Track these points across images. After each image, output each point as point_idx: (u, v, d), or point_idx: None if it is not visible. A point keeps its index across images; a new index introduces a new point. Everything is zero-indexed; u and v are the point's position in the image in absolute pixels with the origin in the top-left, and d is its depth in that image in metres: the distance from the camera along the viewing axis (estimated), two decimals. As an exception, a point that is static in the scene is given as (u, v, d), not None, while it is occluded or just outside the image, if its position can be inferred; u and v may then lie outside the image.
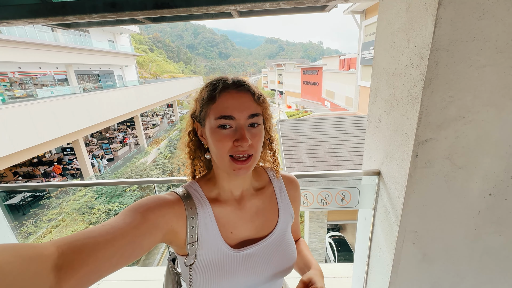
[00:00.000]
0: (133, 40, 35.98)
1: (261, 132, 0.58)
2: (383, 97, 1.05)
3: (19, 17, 1.18)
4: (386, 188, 1.07)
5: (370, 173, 1.14)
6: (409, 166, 0.89)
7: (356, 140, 7.11)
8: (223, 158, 0.55)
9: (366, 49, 16.32)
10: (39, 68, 14.65)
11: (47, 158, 14.00)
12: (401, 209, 0.95)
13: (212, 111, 0.55)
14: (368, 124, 1.20)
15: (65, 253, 0.36)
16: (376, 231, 1.20)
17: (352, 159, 6.41)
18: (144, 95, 16.17)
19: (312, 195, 1.20)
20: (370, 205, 1.21)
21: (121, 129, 20.76)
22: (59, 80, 16.37)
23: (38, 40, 13.16)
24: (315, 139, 7.42)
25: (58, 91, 13.46)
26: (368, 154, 1.23)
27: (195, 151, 0.65)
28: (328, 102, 25.41)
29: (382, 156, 1.09)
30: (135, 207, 0.50)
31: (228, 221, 0.62)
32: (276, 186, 0.71)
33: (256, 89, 0.58)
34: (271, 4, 1.20)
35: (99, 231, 0.42)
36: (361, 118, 8.61)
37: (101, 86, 18.47)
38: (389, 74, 0.99)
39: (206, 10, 1.23)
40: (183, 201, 0.58)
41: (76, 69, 17.24)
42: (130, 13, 1.20)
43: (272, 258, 0.63)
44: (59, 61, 15.00)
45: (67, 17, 1.20)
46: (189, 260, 0.57)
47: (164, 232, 0.53)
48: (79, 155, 11.72)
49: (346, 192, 1.19)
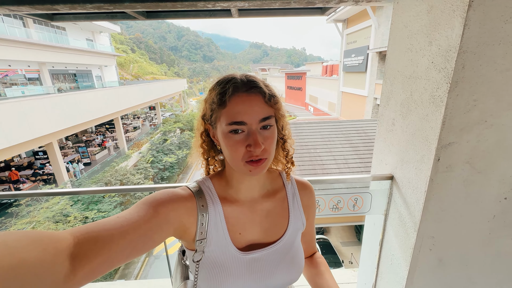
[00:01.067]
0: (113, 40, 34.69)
1: (273, 134, 0.56)
2: (398, 100, 1.04)
3: (0, 3, 1.04)
4: (401, 193, 1.05)
5: (383, 177, 1.12)
6: (430, 171, 0.87)
7: (340, 145, 7.28)
8: (237, 163, 0.55)
9: (347, 57, 16.96)
10: (8, 65, 13.59)
11: (15, 162, 12.94)
12: (420, 214, 0.93)
13: (223, 116, 0.54)
14: (379, 127, 1.18)
15: (81, 243, 0.37)
16: (388, 237, 1.18)
17: (336, 163, 6.55)
18: (124, 97, 15.51)
19: (324, 200, 1.15)
20: (381, 210, 1.19)
21: (99, 131, 19.75)
22: (31, 79, 15.30)
23: (8, 35, 12.24)
24: (300, 143, 7.50)
25: (29, 91, 12.55)
26: (378, 158, 1.21)
27: (209, 151, 0.65)
28: (311, 107, 25.98)
29: (396, 160, 1.07)
30: (149, 200, 0.50)
31: (237, 222, 0.61)
32: (289, 191, 0.68)
33: (267, 88, 0.55)
34: (281, 3, 1.16)
35: (114, 223, 0.43)
36: (344, 122, 8.85)
37: (78, 86, 17.52)
38: (405, 77, 0.98)
39: (213, 6, 1.16)
40: (195, 197, 0.57)
41: (50, 68, 16.22)
42: (130, 5, 1.10)
43: (278, 266, 0.62)
44: (32, 59, 14.02)
45: (56, 6, 1.07)
46: (197, 256, 0.57)
47: (175, 227, 0.53)
48: (53, 159, 10.92)
49: (358, 197, 1.16)
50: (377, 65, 13.58)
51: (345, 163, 6.53)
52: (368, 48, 14.13)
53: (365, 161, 6.46)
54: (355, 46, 16.13)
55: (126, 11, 1.50)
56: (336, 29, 18.23)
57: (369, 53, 14.15)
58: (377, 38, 13.37)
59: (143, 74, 46.51)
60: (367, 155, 6.67)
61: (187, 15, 1.82)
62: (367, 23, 14.12)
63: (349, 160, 6.60)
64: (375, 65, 13.71)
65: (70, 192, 1.27)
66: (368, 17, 13.73)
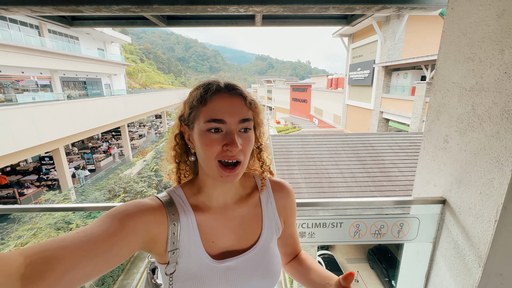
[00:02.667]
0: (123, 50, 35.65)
1: (251, 138, 0.56)
2: (453, 114, 0.93)
3: (22, 2, 0.98)
4: (458, 220, 0.92)
5: (433, 201, 0.99)
6: (503, 197, 0.74)
7: (347, 158, 7.12)
8: (210, 163, 0.53)
9: (353, 70, 17.06)
10: (21, 72, 13.92)
11: (21, 167, 12.97)
12: (487, 248, 0.80)
13: (202, 113, 0.53)
14: (425, 144, 1.06)
15: (33, 263, 0.36)
16: (438, 270, 1.03)
17: (343, 176, 6.36)
18: (132, 105, 15.67)
19: (365, 225, 1.02)
20: (429, 238, 1.05)
21: (105, 138, 19.86)
22: (42, 86, 15.61)
23: (23, 44, 12.59)
24: (307, 155, 7.38)
25: (40, 97, 12.75)
26: (424, 178, 1.09)
27: (181, 155, 0.62)
28: (316, 119, 25.97)
29: (450, 182, 0.95)
30: (113, 213, 0.47)
31: (210, 230, 0.59)
32: (263, 195, 0.66)
33: (248, 94, 0.56)
34: (318, 8, 1.08)
35: (72, 239, 0.40)
36: (350, 135, 8.71)
37: (87, 93, 17.80)
38: (464, 89, 0.88)
39: (245, 11, 1.09)
40: (165, 207, 0.55)
41: (61, 75, 16.57)
42: (158, 7, 1.03)
43: (254, 273, 0.59)
44: (44, 66, 14.35)
45: (80, 7, 1.01)
46: (170, 268, 0.54)
47: (143, 239, 0.50)
48: (59, 165, 10.89)
49: (404, 223, 1.03)
50: (383, 79, 13.57)
51: (353, 177, 6.35)
52: (374, 62, 14.19)
53: (372, 176, 6.27)
54: (360, 60, 16.26)
55: (148, 17, 1.45)
56: (342, 43, 18.47)
57: (375, 67, 14.19)
58: (383, 52, 13.44)
59: (151, 83, 47.40)
60: (375, 170, 6.50)
61: (209, 23, 1.77)
62: (373, 38, 14.26)
63: (357, 175, 6.42)
64: (381, 79, 13.71)
65: (54, 208, 1.16)
66: (373, 32, 13.88)
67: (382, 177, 6.24)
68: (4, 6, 0.99)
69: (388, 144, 7.67)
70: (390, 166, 6.62)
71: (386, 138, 8.15)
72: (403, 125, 12.18)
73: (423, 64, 10.49)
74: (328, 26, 1.61)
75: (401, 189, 5.78)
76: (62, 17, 1.56)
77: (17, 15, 1.07)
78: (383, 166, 6.67)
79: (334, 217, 1.04)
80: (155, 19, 1.49)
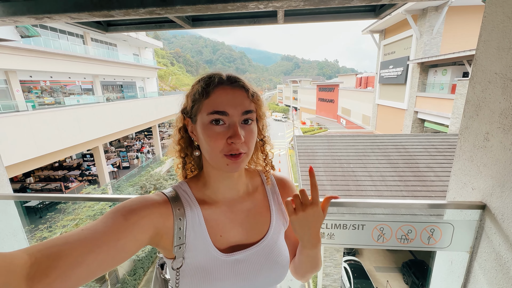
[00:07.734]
0: (156, 55, 37.86)
1: (254, 130, 0.56)
2: (495, 109, 0.82)
3: (63, 11, 1.09)
4: (501, 228, 0.81)
5: (471, 206, 0.89)
6: (558, 204, 0.64)
7: (377, 160, 6.73)
8: (215, 155, 0.53)
9: (384, 68, 16.12)
10: (68, 78, 15.47)
11: (67, 163, 14.38)
12: (537, 261, 0.70)
13: (205, 106, 0.53)
14: (461, 142, 0.96)
15: (39, 261, 0.36)
16: (475, 283, 0.92)
17: (372, 179, 6.02)
18: (162, 106, 16.58)
19: (390, 228, 0.95)
20: (465, 247, 0.95)
21: (138, 138, 21.22)
22: (85, 90, 17.17)
23: (71, 52, 14.00)
24: (333, 156, 7.12)
25: (83, 100, 14.06)
26: (460, 181, 0.98)
27: (186, 148, 0.62)
28: (343, 119, 25.01)
29: (492, 185, 0.84)
30: (118, 209, 0.48)
31: (217, 224, 0.59)
32: (268, 189, 0.67)
33: (250, 86, 0.56)
34: (340, 0, 1.04)
35: (77, 237, 0.41)
36: (380, 136, 8.21)
37: (123, 96, 19.21)
38: (509, 81, 0.77)
39: (265, 7, 1.09)
40: (170, 202, 0.55)
41: (102, 79, 18.09)
42: (180, 8, 1.08)
43: (263, 266, 0.59)
44: (87, 72, 15.80)
45: (111, 12, 1.09)
46: (177, 263, 0.54)
47: (149, 234, 0.50)
48: (98, 161, 11.92)
49: (435, 228, 0.94)
50: (419, 76, 12.60)
51: (382, 180, 5.99)
52: (408, 59, 13.25)
53: (405, 180, 5.85)
54: (393, 57, 15.30)
55: (173, 19, 1.51)
56: (373, 40, 17.56)
57: (409, 64, 13.24)
58: (418, 48, 12.48)
59: (180, 86, 49.62)
60: (408, 173, 6.05)
61: (231, 22, 1.80)
62: (408, 33, 13.33)
63: (387, 178, 6.04)
64: (416, 76, 12.74)
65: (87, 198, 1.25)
66: (408, 27, 12.97)
67: (416, 181, 5.80)
68: (48, 15, 1.11)
69: (423, 146, 7.11)
70: (425, 169, 6.13)
71: (421, 139, 7.55)
72: (442, 125, 11.19)
73: (465, 59, 9.53)
74: (354, 20, 1.55)
75: (438, 195, 5.32)
76: (99, 23, 1.70)
77: (59, 22, 1.20)
78: (417, 169, 6.19)
79: (356, 219, 0.98)
80: (180, 21, 1.55)
